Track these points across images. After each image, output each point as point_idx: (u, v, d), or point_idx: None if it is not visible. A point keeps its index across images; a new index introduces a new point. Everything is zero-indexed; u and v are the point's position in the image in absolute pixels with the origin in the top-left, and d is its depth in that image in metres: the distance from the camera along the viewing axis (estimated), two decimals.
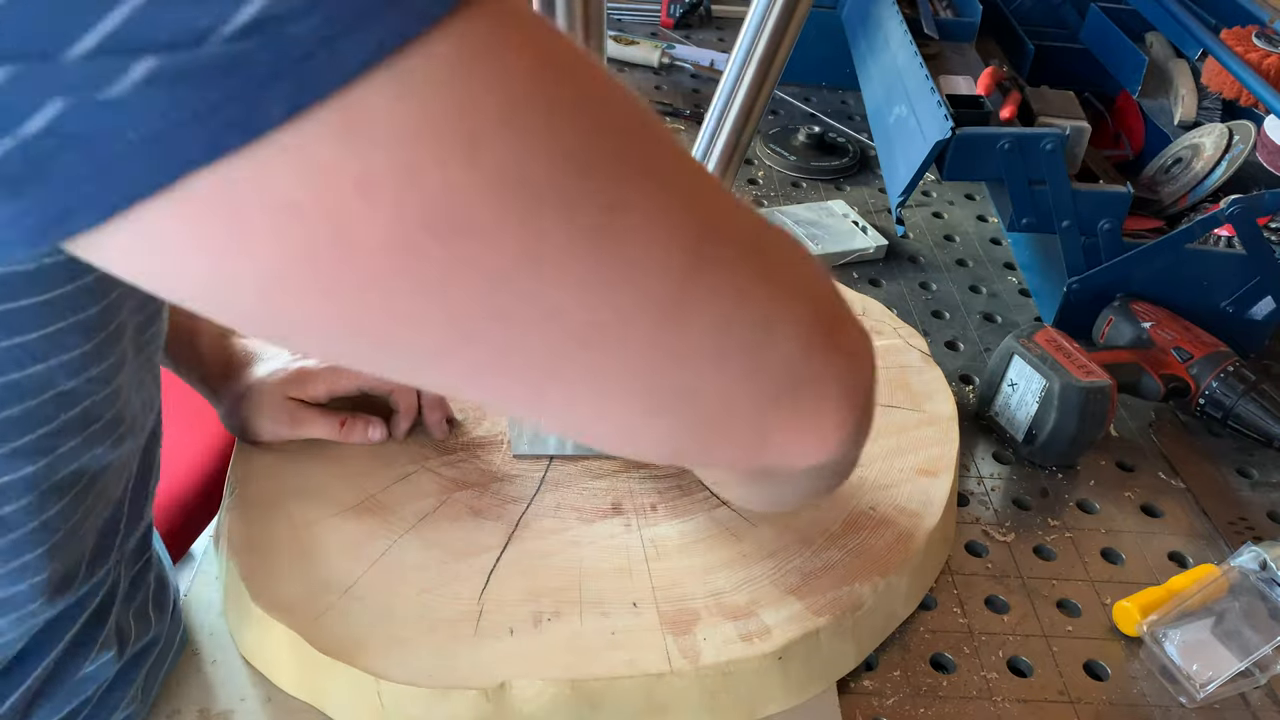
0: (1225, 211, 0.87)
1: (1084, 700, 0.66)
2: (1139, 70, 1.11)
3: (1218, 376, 0.87)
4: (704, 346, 0.29)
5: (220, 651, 0.63)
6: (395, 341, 0.25)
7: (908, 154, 0.95)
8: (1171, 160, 1.07)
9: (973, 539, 0.77)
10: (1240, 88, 0.99)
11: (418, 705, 0.57)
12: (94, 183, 0.21)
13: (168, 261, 0.23)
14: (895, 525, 0.70)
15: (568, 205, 0.24)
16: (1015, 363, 0.84)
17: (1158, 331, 0.90)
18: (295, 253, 0.23)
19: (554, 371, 0.27)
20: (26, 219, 0.21)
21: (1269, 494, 0.84)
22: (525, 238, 0.24)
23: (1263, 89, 0.92)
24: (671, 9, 1.55)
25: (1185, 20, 1.02)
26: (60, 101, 0.20)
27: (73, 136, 0.20)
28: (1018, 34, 1.22)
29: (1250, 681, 0.67)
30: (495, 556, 0.65)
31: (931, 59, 1.08)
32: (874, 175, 1.24)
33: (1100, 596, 0.73)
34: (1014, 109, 0.98)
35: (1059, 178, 0.90)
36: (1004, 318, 1.03)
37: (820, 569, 0.66)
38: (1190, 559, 0.77)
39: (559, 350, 0.26)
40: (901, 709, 0.64)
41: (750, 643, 0.61)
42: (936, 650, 0.68)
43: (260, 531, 0.65)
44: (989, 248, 1.14)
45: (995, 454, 0.86)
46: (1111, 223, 0.92)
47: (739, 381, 0.30)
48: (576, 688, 0.58)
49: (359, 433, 0.70)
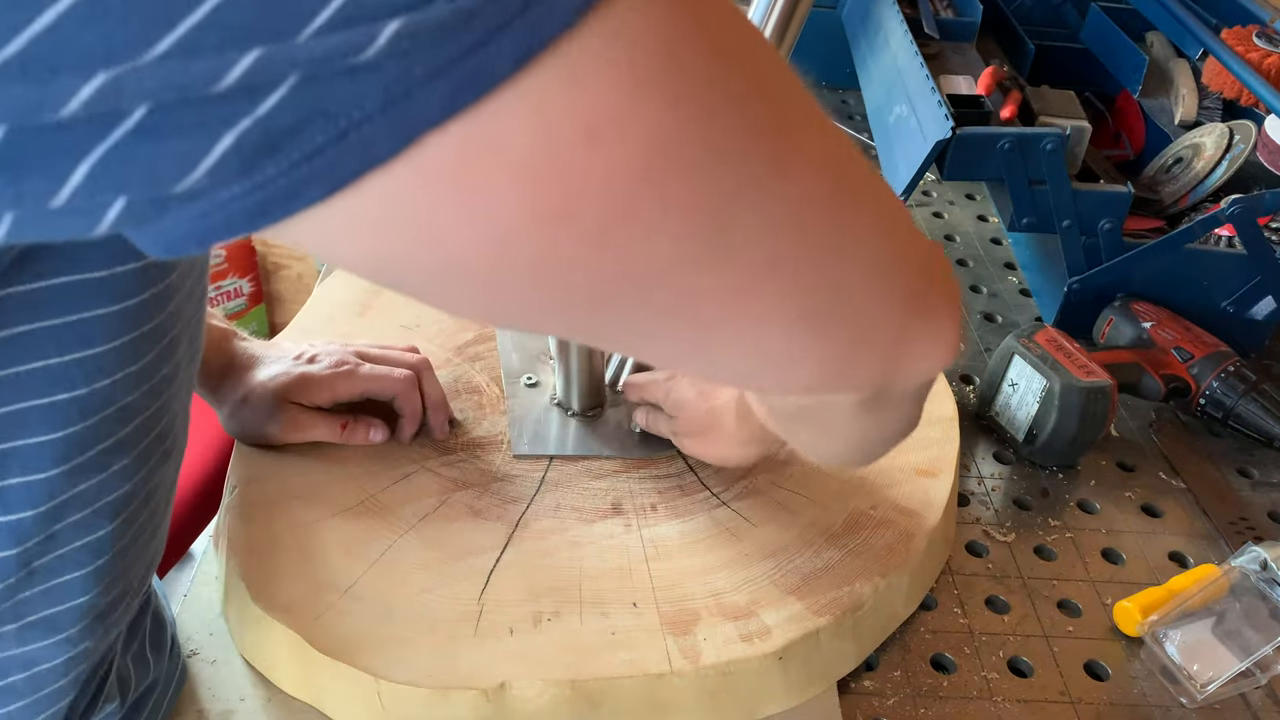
0: (1226, 211, 0.87)
1: (1084, 700, 0.66)
2: (1139, 70, 1.11)
3: (1218, 376, 0.87)
4: (859, 266, 0.32)
5: (220, 651, 0.63)
6: (604, 297, 0.26)
7: (908, 154, 0.95)
8: (1172, 160, 1.07)
9: (973, 539, 0.77)
10: (1241, 87, 0.99)
11: (417, 705, 0.57)
12: (328, 154, 0.21)
13: (391, 235, 0.23)
14: (895, 525, 0.70)
15: (752, 145, 0.26)
16: (1016, 363, 0.84)
17: (1158, 331, 0.90)
18: (529, 209, 0.23)
19: (735, 306, 0.29)
20: (252, 197, 0.21)
21: (1269, 494, 0.84)
22: (724, 177, 0.25)
23: (1263, 89, 0.92)
24: None
25: (1186, 20, 1.02)
26: (295, 75, 0.20)
27: (311, 111, 0.20)
28: (1018, 34, 1.22)
29: (1251, 681, 0.67)
30: (495, 557, 0.65)
31: (932, 59, 1.08)
32: None
33: (1101, 596, 0.73)
34: (1014, 109, 0.98)
35: (1059, 177, 0.90)
36: (1004, 318, 1.03)
37: (820, 569, 0.66)
38: (1191, 559, 0.77)
39: (744, 283, 0.28)
40: (902, 709, 0.64)
41: (750, 643, 0.61)
42: (937, 650, 0.68)
43: (260, 531, 0.65)
44: (989, 247, 1.14)
45: (995, 454, 0.86)
46: (1112, 222, 0.92)
47: (886, 295, 0.33)
48: (576, 688, 0.58)
49: (360, 435, 0.70)
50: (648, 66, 0.22)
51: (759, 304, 0.29)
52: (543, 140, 0.22)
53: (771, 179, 0.27)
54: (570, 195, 0.23)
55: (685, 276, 0.27)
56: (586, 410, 0.77)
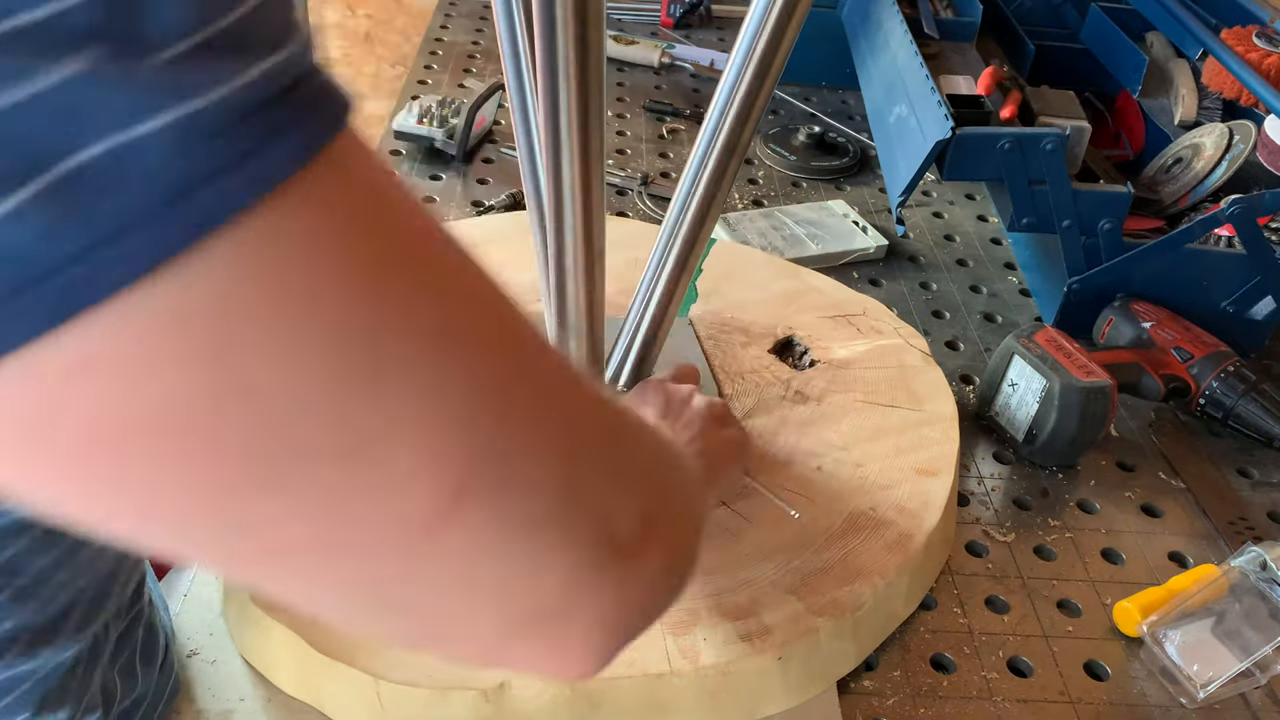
0: (1225, 211, 0.87)
1: (1084, 700, 0.66)
2: (1139, 70, 1.11)
3: (1218, 376, 0.87)
4: (450, 574, 0.26)
5: (220, 651, 0.63)
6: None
7: (908, 154, 0.95)
8: (1172, 160, 1.07)
9: (973, 539, 0.77)
10: (1240, 87, 0.99)
11: (417, 705, 0.57)
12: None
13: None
14: (895, 525, 0.70)
15: (314, 427, 0.23)
16: (1015, 363, 0.84)
17: (1158, 331, 0.90)
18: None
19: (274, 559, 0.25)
20: None
21: (1269, 494, 0.84)
22: (261, 455, 0.22)
23: (1263, 89, 0.92)
24: (671, 9, 1.55)
25: (1185, 20, 1.02)
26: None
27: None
28: (1018, 34, 1.22)
29: (1251, 682, 0.67)
30: None
31: (932, 59, 1.08)
32: (874, 175, 1.24)
33: (1100, 596, 0.73)
34: (1014, 109, 0.98)
35: (1059, 178, 0.90)
36: (1004, 318, 1.03)
37: (820, 569, 0.66)
38: (1190, 559, 0.77)
39: (275, 560, 0.25)
40: (901, 709, 0.64)
41: (750, 643, 0.61)
42: (937, 650, 0.68)
43: None
44: (989, 248, 1.14)
45: (995, 454, 0.86)
46: (1112, 223, 0.92)
47: (479, 609, 0.28)
48: (576, 688, 0.58)
49: None
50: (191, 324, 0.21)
51: (300, 572, 0.26)
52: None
53: (326, 467, 0.23)
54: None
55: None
56: None
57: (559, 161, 0.57)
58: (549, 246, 0.64)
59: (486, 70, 1.36)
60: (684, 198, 0.70)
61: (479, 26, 1.48)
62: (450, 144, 1.13)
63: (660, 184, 1.17)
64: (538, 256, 0.71)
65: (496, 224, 1.00)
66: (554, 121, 0.55)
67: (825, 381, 0.82)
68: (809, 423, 0.78)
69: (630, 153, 1.23)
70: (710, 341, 0.86)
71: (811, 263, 1.02)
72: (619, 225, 1.00)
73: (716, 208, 0.70)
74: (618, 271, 0.71)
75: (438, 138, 1.13)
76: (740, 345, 0.86)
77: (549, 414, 0.28)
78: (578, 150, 0.56)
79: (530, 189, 0.69)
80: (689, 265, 0.72)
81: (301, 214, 0.22)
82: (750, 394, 0.81)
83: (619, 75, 1.40)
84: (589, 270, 0.64)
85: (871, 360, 0.85)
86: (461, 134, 1.12)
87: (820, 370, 0.84)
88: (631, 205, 1.13)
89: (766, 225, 1.09)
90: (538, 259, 0.71)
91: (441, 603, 0.27)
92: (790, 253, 1.04)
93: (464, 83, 1.33)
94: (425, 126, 1.13)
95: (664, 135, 1.27)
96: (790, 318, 0.89)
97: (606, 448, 0.30)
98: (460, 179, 1.13)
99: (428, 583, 0.26)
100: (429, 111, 1.14)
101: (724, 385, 0.81)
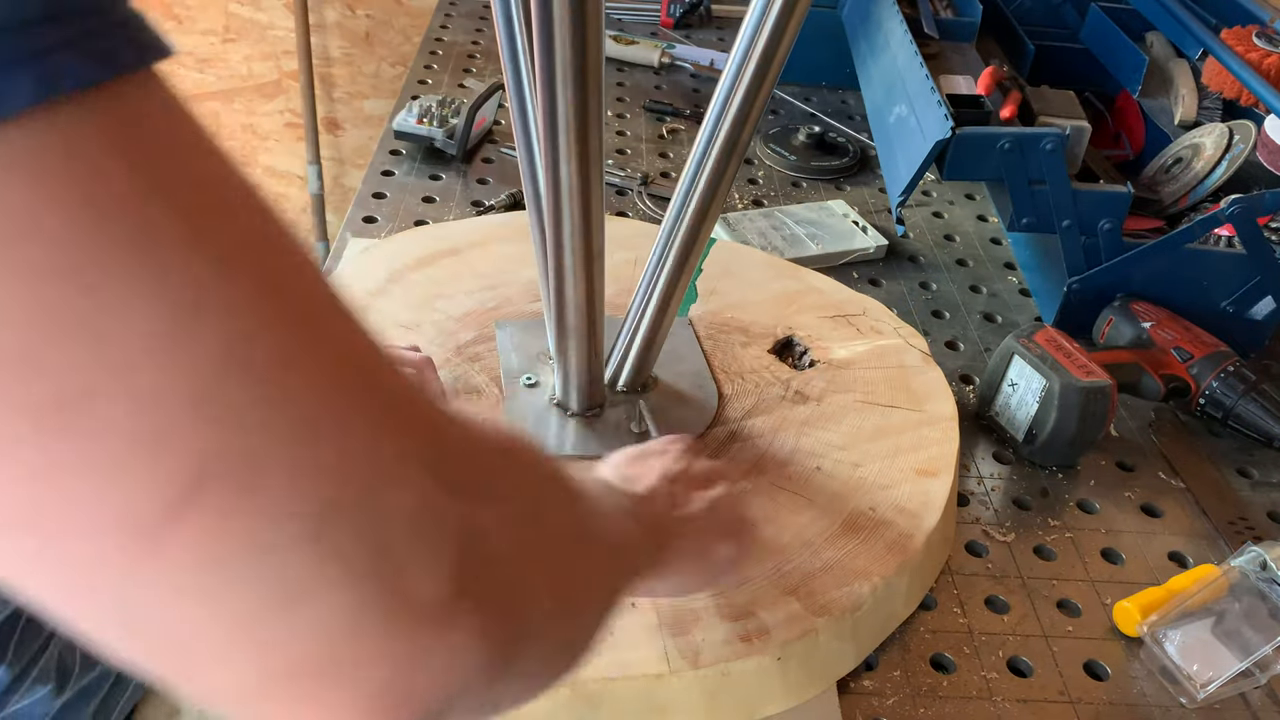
0: (1225, 211, 0.87)
1: (1084, 700, 0.66)
2: (1139, 70, 1.11)
3: (1218, 376, 0.87)
4: (184, 589, 0.22)
5: None
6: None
7: (908, 154, 0.95)
8: (1172, 160, 1.07)
9: (973, 539, 0.77)
10: (1240, 87, 0.99)
11: None
12: None
13: None
14: (895, 525, 0.70)
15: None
16: (1015, 363, 0.84)
17: (1158, 331, 0.90)
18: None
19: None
20: None
21: (1269, 494, 0.84)
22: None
23: (1263, 89, 0.92)
24: (671, 9, 1.55)
25: (1185, 20, 1.02)
26: None
27: None
28: (1018, 34, 1.22)
29: (1250, 681, 0.67)
30: None
31: (932, 59, 1.08)
32: (874, 175, 1.24)
33: (1100, 596, 0.73)
34: (1014, 109, 0.98)
35: (1059, 178, 0.90)
36: (1004, 318, 1.03)
37: (820, 569, 0.66)
38: (1190, 559, 0.77)
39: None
40: (901, 709, 0.64)
41: (749, 643, 0.61)
42: (936, 650, 0.68)
43: None
44: (989, 248, 1.14)
45: (995, 454, 0.86)
46: (1112, 223, 0.92)
47: (229, 645, 0.23)
48: (576, 689, 0.58)
49: None
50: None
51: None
52: None
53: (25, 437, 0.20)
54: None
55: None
56: (586, 410, 0.77)
57: (557, 162, 0.57)
58: (548, 246, 0.64)
59: (486, 70, 1.36)
60: (684, 198, 0.70)
61: (479, 26, 1.48)
62: (450, 144, 1.13)
63: (660, 184, 1.17)
64: (537, 256, 0.71)
65: (496, 224, 1.00)
66: (552, 122, 0.55)
67: (825, 382, 0.82)
68: (808, 423, 0.78)
69: (630, 153, 1.23)
70: (710, 341, 0.86)
71: (811, 263, 1.02)
72: (619, 225, 1.00)
73: (716, 208, 0.70)
74: (618, 271, 0.71)
75: (438, 137, 1.13)
76: (740, 345, 0.86)
77: (333, 404, 0.23)
78: (576, 151, 0.56)
79: (529, 189, 0.69)
80: (689, 265, 0.72)
81: (48, 136, 0.20)
82: (750, 394, 0.81)
83: (619, 75, 1.40)
84: (588, 270, 0.64)
85: (871, 360, 0.85)
86: (461, 134, 1.12)
87: (820, 370, 0.84)
88: (631, 205, 1.13)
89: (766, 225, 1.09)
90: (537, 259, 0.71)
91: (179, 629, 0.22)
92: (790, 253, 1.04)
93: (464, 83, 1.33)
94: (425, 126, 1.13)
95: (664, 135, 1.27)
96: (790, 318, 0.89)
97: (413, 466, 0.24)
98: (460, 179, 1.13)
99: (158, 598, 0.22)
100: (429, 111, 1.14)
101: (723, 385, 0.81)
